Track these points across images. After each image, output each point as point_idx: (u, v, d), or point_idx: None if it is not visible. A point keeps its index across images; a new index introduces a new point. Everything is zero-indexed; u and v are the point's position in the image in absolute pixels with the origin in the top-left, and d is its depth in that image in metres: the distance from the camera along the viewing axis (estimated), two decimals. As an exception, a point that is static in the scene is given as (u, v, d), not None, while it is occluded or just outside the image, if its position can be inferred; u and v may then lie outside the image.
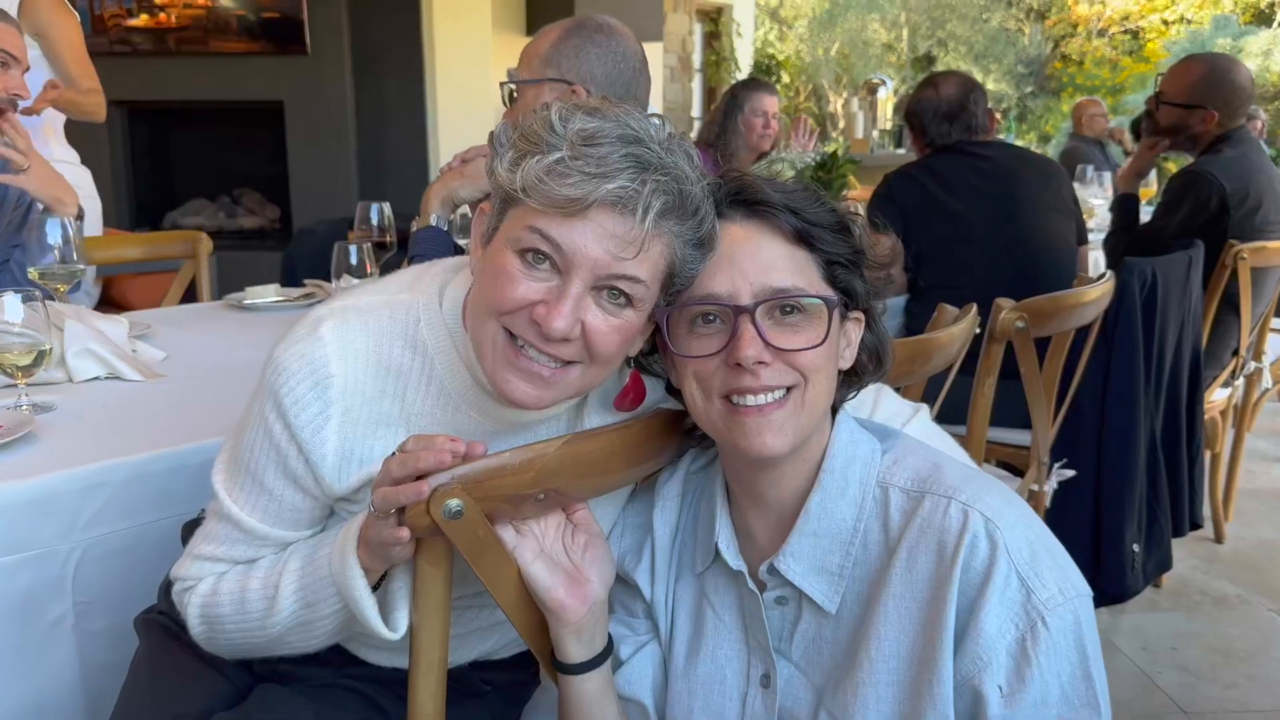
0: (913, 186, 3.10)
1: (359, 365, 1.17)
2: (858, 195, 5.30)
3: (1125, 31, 19.22)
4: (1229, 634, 3.07)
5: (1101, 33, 19.40)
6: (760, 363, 1.05)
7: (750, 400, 1.06)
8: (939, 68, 16.57)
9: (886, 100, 9.25)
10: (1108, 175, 4.97)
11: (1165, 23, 18.72)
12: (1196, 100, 3.35)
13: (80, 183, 3.61)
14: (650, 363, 1.20)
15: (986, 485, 1.06)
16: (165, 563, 1.36)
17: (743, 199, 1.10)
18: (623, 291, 1.08)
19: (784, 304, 1.06)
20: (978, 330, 1.92)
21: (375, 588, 1.16)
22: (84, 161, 3.73)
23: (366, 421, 1.18)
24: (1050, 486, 2.44)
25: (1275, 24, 17.39)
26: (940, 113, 3.13)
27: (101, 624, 1.53)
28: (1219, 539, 3.72)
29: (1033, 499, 2.39)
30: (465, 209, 2.31)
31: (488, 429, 1.20)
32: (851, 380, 1.16)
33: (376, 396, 1.18)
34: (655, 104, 7.41)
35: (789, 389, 1.07)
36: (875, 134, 9.18)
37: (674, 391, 1.18)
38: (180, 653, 1.35)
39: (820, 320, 1.07)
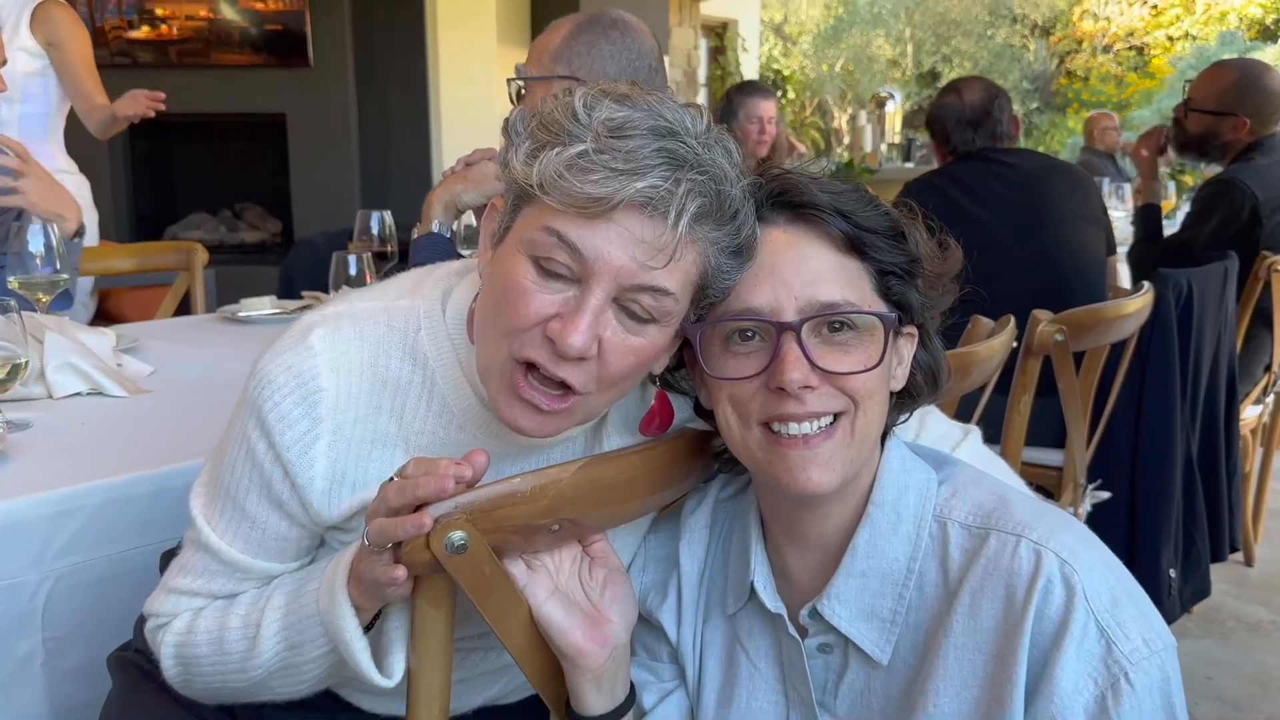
0: (934, 194, 2.98)
1: (352, 378, 1.05)
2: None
3: (1130, 48, 19.18)
4: (1266, 662, 2.95)
5: (1106, 49, 19.35)
6: (806, 387, 0.93)
7: (794, 429, 0.95)
8: (943, 83, 16.49)
9: (895, 114, 9.16)
10: (1126, 187, 4.86)
11: (1170, 39, 18.68)
12: (1227, 107, 3.25)
13: (78, 193, 3.58)
14: (677, 379, 1.09)
15: (1060, 521, 0.94)
16: (143, 595, 1.24)
17: (787, 201, 0.98)
18: (648, 305, 0.96)
19: (833, 320, 0.95)
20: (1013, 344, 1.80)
21: (368, 628, 1.04)
22: (84, 173, 3.71)
23: (360, 441, 1.06)
24: (1085, 509, 2.32)
25: (1281, 40, 17.34)
26: (964, 119, 3.03)
27: (73, 661, 1.41)
28: (1248, 562, 3.61)
29: (1067, 522, 2.27)
30: (469, 217, 2.20)
31: (495, 450, 1.08)
32: (904, 403, 1.04)
33: (372, 413, 1.06)
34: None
35: (837, 416, 0.95)
36: (884, 148, 9.09)
37: (704, 412, 1.06)
38: (156, 695, 1.23)
39: (873, 338, 0.96)
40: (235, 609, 1.11)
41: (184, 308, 3.12)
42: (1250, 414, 3.38)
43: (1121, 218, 4.65)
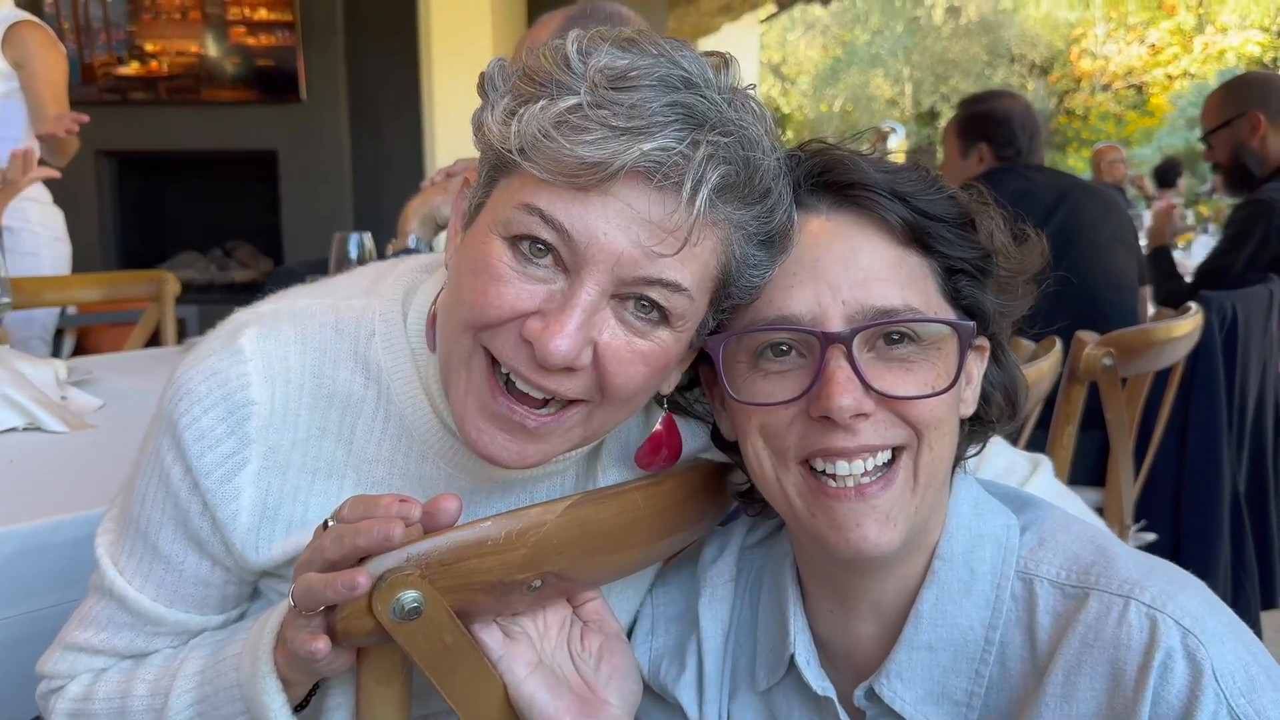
0: None
1: (290, 390, 0.86)
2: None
3: (1129, 86, 19.23)
4: (1321, 719, 2.72)
5: (1105, 87, 19.41)
6: (859, 415, 0.74)
7: (843, 469, 0.75)
8: (942, 123, 16.46)
9: (900, 148, 9.05)
10: (1145, 215, 4.71)
11: (1169, 77, 18.72)
12: (1232, 112, 3.08)
13: (50, 224, 3.48)
14: (689, 402, 0.89)
15: (1176, 580, 0.75)
16: None
17: (831, 181, 0.79)
18: (656, 303, 0.76)
19: (891, 331, 0.76)
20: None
21: (303, 705, 0.84)
22: (72, 211, 3.59)
23: (300, 469, 0.86)
24: (1130, 553, 2.12)
25: (1280, 77, 17.37)
26: (1025, 127, 2.87)
27: None
28: (1290, 607, 3.38)
29: (1110, 567, 2.07)
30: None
31: (465, 486, 0.89)
32: (974, 432, 0.85)
33: (315, 435, 0.87)
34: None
35: (896, 451, 0.76)
36: (886, 183, 8.97)
37: (726, 444, 0.86)
38: None
39: (941, 353, 0.77)
40: (143, 673, 0.90)
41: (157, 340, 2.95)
42: (1289, 448, 3.19)
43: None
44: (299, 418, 0.86)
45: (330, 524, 0.74)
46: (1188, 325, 1.87)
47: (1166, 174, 8.67)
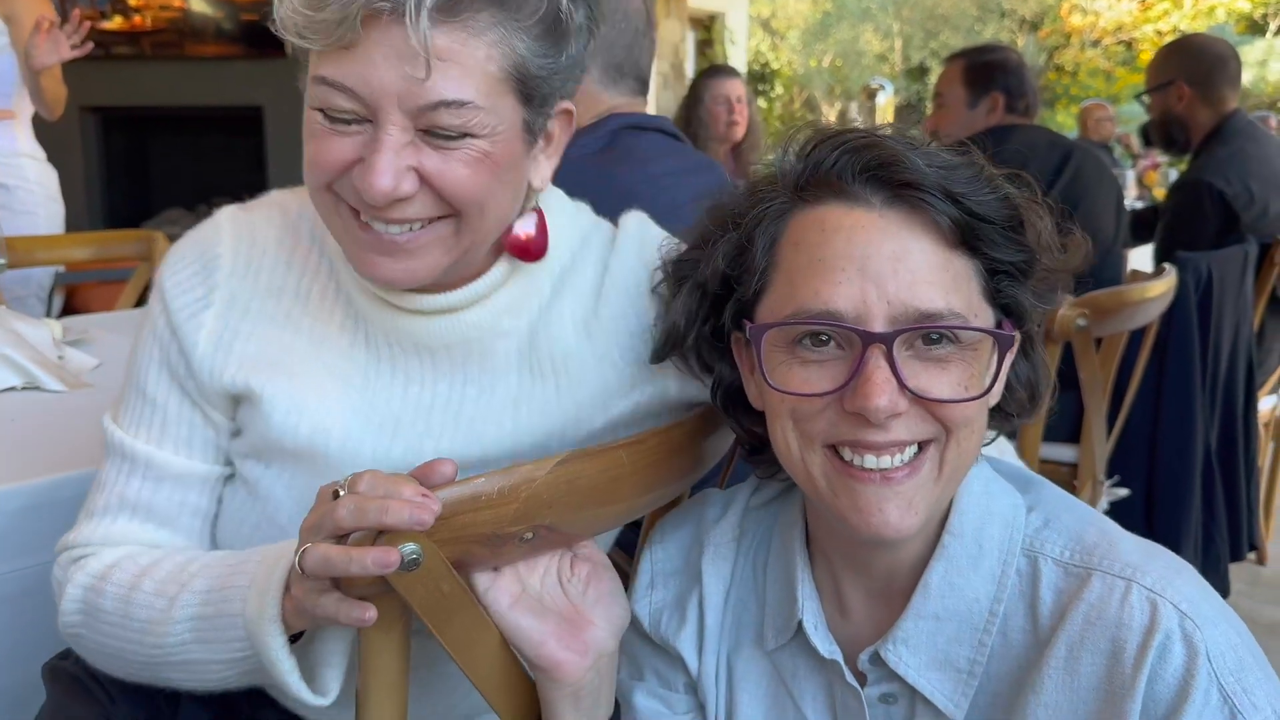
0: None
1: (255, 251, 1.03)
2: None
3: (1119, 42, 19.15)
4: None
5: (1095, 43, 19.33)
6: (893, 415, 0.77)
7: (872, 462, 0.79)
8: (932, 78, 16.44)
9: (887, 105, 9.02)
10: (1129, 174, 4.74)
11: (1159, 33, 18.64)
12: (1165, 76, 3.10)
13: (44, 182, 3.46)
14: (701, 349, 0.92)
15: (1174, 566, 0.80)
16: None
17: (886, 177, 0.79)
18: (451, 124, 0.86)
19: (932, 332, 0.78)
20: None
21: (298, 636, 0.90)
22: (55, 167, 3.54)
23: (257, 316, 1.01)
24: (1102, 507, 2.19)
25: (1270, 33, 17.32)
26: (1026, 79, 2.87)
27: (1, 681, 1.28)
28: (1261, 560, 3.49)
29: (1083, 522, 2.14)
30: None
31: (423, 365, 1.02)
32: (996, 422, 0.88)
33: (274, 291, 1.02)
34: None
35: (923, 444, 0.79)
36: (874, 141, 8.97)
37: (734, 407, 0.91)
38: (92, 707, 1.09)
39: (977, 355, 0.80)
40: (153, 572, 0.98)
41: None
42: (1264, 406, 3.26)
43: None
44: (260, 273, 1.02)
45: (340, 493, 0.78)
46: (1161, 287, 1.92)
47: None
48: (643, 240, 1.07)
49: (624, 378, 1.02)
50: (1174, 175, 4.89)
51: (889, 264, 0.78)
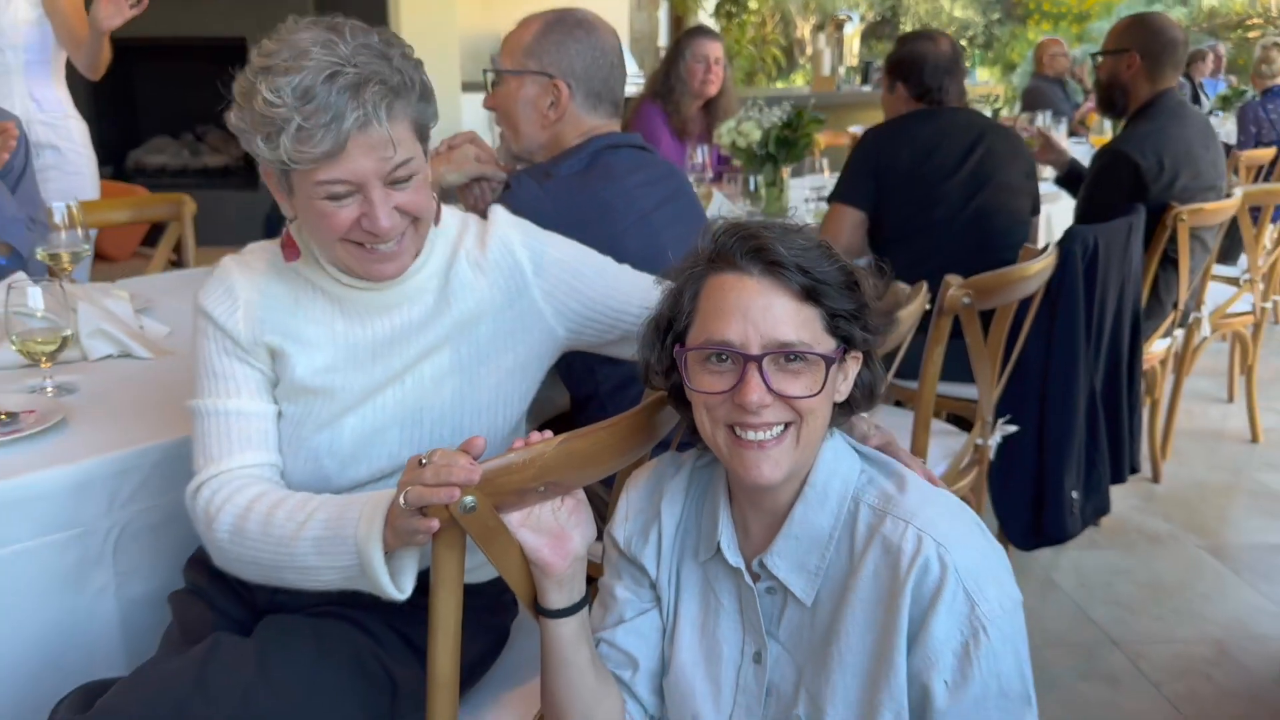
0: (893, 149, 3.12)
1: (258, 278, 1.50)
2: (826, 140, 5.42)
3: (1092, -42, 19.09)
4: (1159, 569, 3.32)
5: (1068, -42, 19.26)
6: (763, 406, 1.17)
7: (752, 435, 1.19)
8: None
9: (853, 35, 9.27)
10: (1063, 124, 5.11)
11: (1132, -52, 18.63)
12: (1121, 44, 3.42)
13: (86, 141, 3.63)
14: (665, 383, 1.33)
15: (941, 509, 1.21)
16: (194, 533, 1.48)
17: (761, 257, 1.18)
18: (402, 175, 1.35)
19: (788, 354, 1.18)
20: (927, 306, 2.08)
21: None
22: None
23: (269, 310, 1.50)
24: (994, 441, 2.63)
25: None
26: (940, 68, 3.13)
27: (140, 591, 1.65)
28: (1156, 479, 3.97)
29: (978, 452, 2.59)
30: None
31: (360, 313, 1.51)
32: (844, 412, 1.29)
33: (276, 296, 1.50)
34: (622, 34, 7.38)
35: (787, 425, 1.20)
36: (842, 70, 9.22)
37: (680, 403, 1.31)
38: (206, 614, 1.54)
39: (819, 370, 1.19)
40: (284, 504, 1.39)
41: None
42: (1161, 346, 3.71)
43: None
44: (264, 288, 1.49)
45: (427, 462, 1.19)
46: (1038, 266, 2.31)
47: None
48: (512, 221, 1.60)
49: (498, 297, 1.54)
50: (1108, 125, 5.27)
51: (761, 312, 1.18)
